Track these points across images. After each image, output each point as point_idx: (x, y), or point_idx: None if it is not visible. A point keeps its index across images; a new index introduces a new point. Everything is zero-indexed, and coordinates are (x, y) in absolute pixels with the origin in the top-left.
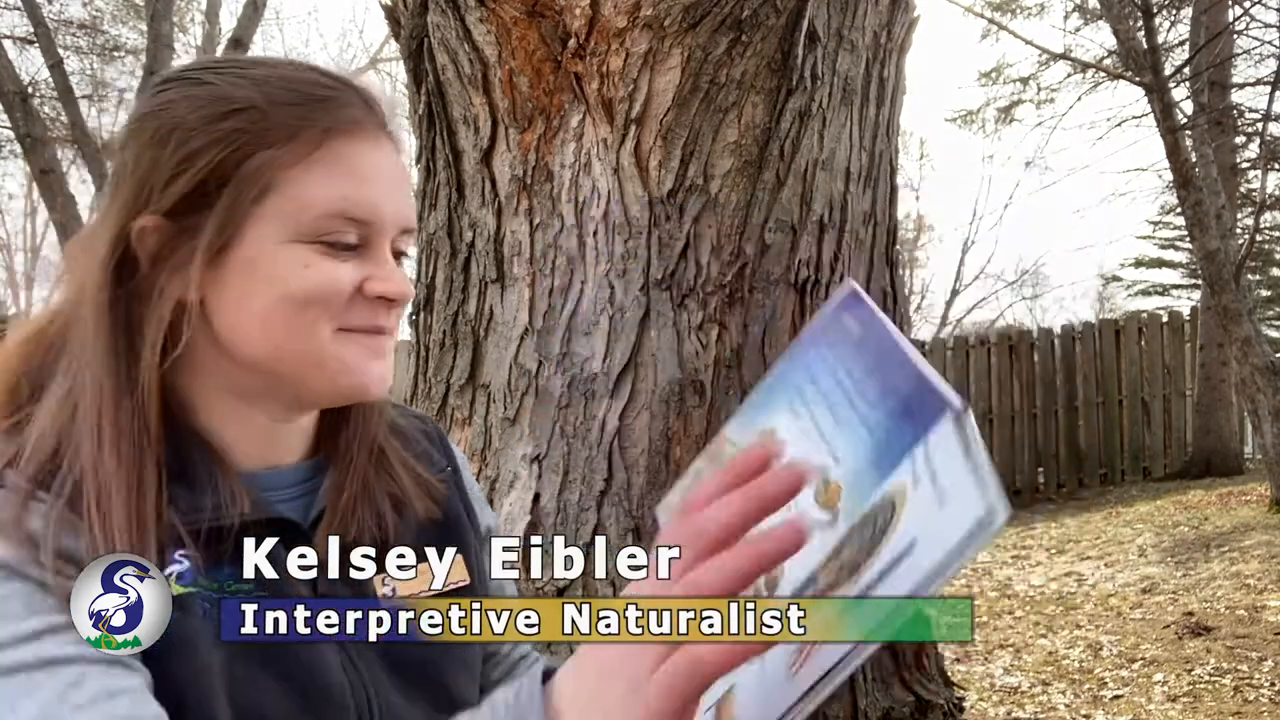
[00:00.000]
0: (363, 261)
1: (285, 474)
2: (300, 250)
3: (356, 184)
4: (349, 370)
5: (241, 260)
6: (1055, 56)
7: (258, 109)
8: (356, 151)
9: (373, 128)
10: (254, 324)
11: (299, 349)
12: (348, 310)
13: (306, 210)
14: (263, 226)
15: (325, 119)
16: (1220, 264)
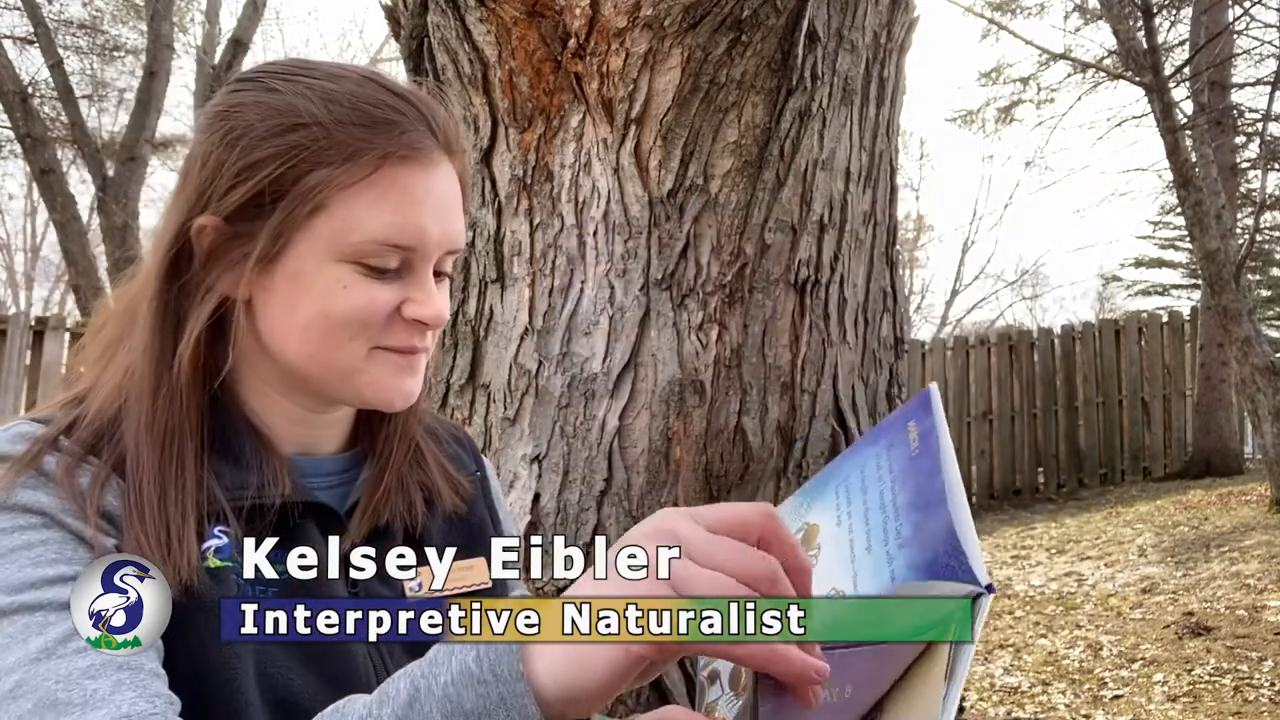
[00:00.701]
0: (404, 284)
1: (323, 463)
2: (343, 270)
3: (406, 212)
4: (376, 385)
5: (288, 271)
6: (1055, 56)
7: (321, 125)
8: (411, 177)
9: (432, 150)
10: (292, 332)
11: (331, 361)
12: (384, 331)
13: (353, 233)
14: (311, 242)
15: (385, 143)
16: (1220, 264)
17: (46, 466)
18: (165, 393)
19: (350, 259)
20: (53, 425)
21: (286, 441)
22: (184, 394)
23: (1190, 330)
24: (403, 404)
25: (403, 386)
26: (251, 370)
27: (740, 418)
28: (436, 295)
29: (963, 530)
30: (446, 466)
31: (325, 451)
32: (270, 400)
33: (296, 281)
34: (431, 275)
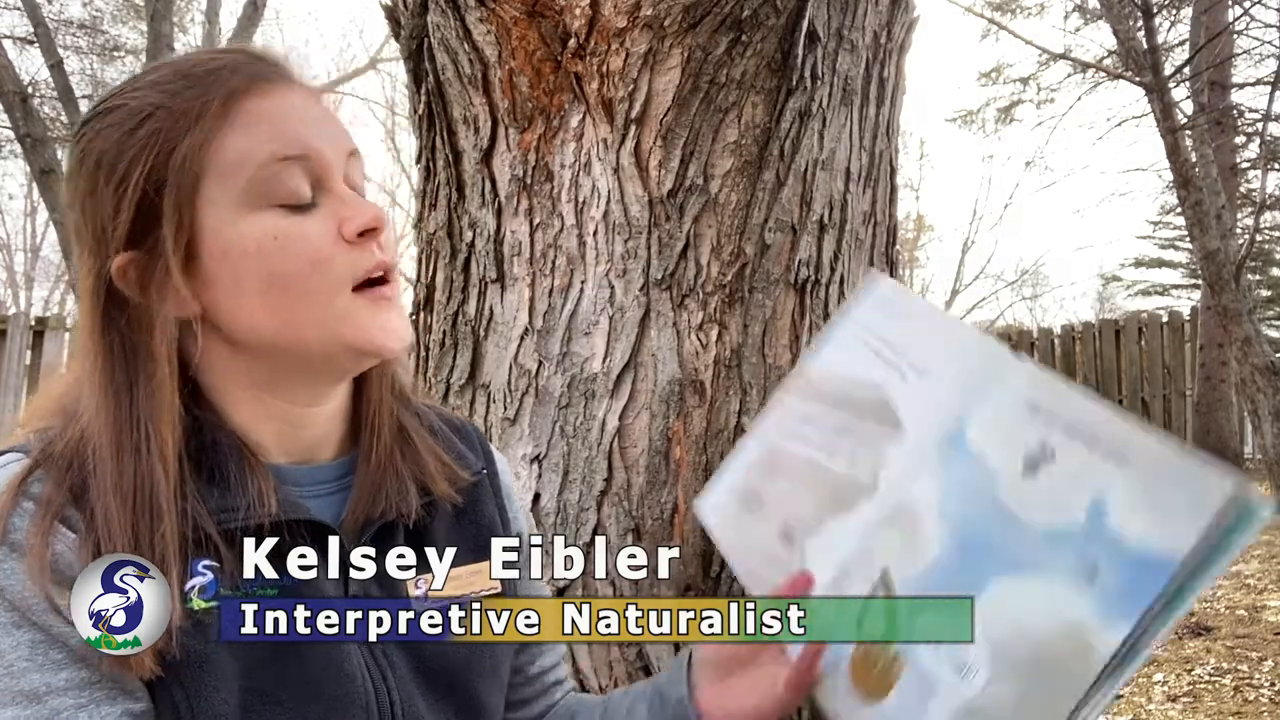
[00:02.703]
0: (328, 209)
1: (319, 470)
2: (264, 219)
3: (276, 125)
4: (359, 328)
5: (215, 251)
6: (1055, 56)
7: (161, 107)
8: (262, 102)
9: (274, 79)
10: (257, 308)
11: (306, 319)
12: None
13: (242, 171)
14: (214, 211)
15: (221, 87)
16: (1220, 264)
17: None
18: (130, 450)
19: (260, 202)
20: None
21: (279, 451)
22: (152, 442)
23: (1190, 330)
24: (395, 343)
25: (387, 324)
26: (231, 381)
27: (740, 418)
28: (363, 201)
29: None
30: (441, 455)
31: (322, 459)
32: (258, 405)
33: (228, 256)
34: (346, 189)
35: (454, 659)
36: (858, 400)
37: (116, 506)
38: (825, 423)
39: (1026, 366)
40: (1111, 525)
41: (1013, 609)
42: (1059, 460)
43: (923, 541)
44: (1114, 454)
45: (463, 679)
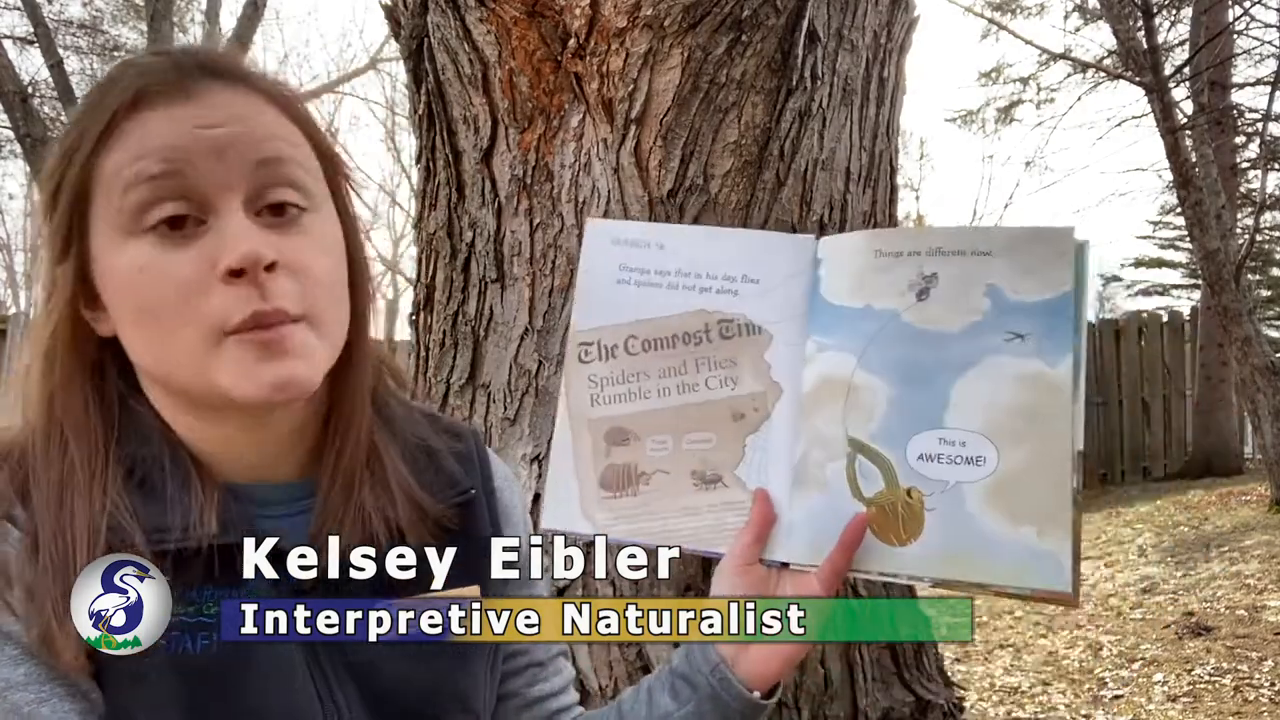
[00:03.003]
0: (209, 238)
1: (279, 489)
2: (133, 247)
3: (145, 141)
4: (233, 376)
5: (99, 275)
6: (1055, 56)
7: (76, 124)
8: (149, 114)
9: (170, 89)
10: (134, 339)
11: (175, 359)
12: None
13: (114, 193)
14: (98, 236)
15: (112, 99)
16: (1220, 264)
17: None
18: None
19: (135, 227)
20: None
21: (233, 470)
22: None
23: (1190, 330)
24: (276, 395)
25: (266, 374)
26: (161, 400)
27: None
28: (247, 233)
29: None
30: (416, 494)
31: (280, 478)
32: (196, 425)
33: (111, 283)
34: (242, 213)
35: (413, 694)
36: (685, 332)
37: (46, 512)
38: (656, 368)
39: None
40: (1011, 298)
41: (981, 396)
42: (941, 278)
43: (869, 395)
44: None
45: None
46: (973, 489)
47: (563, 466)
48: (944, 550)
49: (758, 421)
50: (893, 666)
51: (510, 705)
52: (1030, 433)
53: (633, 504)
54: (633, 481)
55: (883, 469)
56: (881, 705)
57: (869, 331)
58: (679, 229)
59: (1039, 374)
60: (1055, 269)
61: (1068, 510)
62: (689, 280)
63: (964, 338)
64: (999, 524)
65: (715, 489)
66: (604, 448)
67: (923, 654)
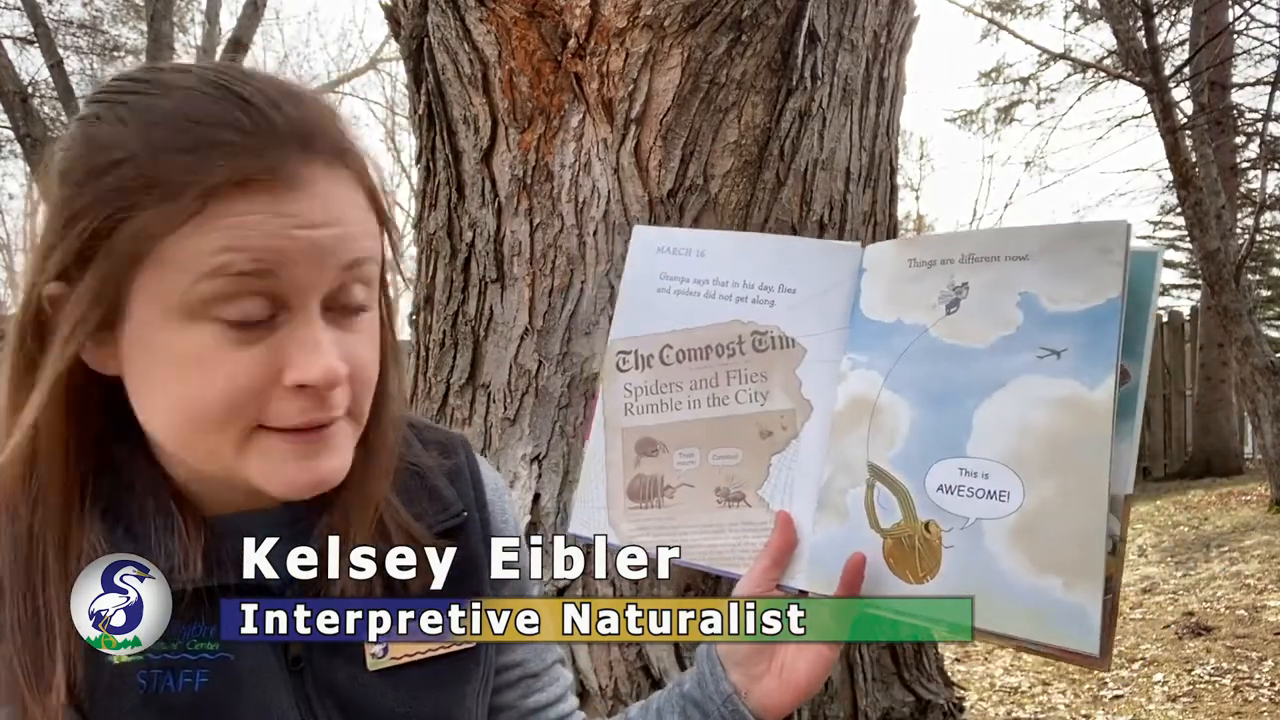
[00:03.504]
0: (279, 339)
1: (266, 516)
2: (199, 333)
3: (247, 237)
4: (269, 476)
5: (134, 340)
6: (1055, 56)
7: (135, 161)
8: (251, 205)
9: (284, 165)
10: (158, 415)
11: (206, 452)
12: (263, 408)
13: (184, 275)
14: (148, 305)
15: (211, 173)
16: (1220, 264)
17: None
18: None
19: (200, 314)
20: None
21: (221, 503)
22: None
23: (1190, 330)
24: (313, 490)
25: (304, 473)
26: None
27: None
28: (326, 345)
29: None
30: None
31: (268, 505)
32: (193, 470)
33: (148, 356)
34: (319, 316)
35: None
36: (719, 343)
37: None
38: (688, 379)
39: (867, 245)
40: (1047, 308)
41: (1008, 421)
42: (972, 287)
43: (891, 418)
44: (1012, 256)
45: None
46: (994, 527)
47: (594, 474)
48: (962, 593)
49: (784, 440)
50: (893, 666)
51: (506, 717)
52: (1061, 466)
53: (657, 516)
54: (659, 493)
55: (900, 499)
56: (881, 705)
57: (898, 348)
58: (723, 236)
59: (1074, 397)
60: (1100, 272)
61: (1099, 560)
62: (725, 289)
63: (992, 354)
64: (1021, 569)
65: (737, 507)
66: (634, 457)
67: (923, 654)
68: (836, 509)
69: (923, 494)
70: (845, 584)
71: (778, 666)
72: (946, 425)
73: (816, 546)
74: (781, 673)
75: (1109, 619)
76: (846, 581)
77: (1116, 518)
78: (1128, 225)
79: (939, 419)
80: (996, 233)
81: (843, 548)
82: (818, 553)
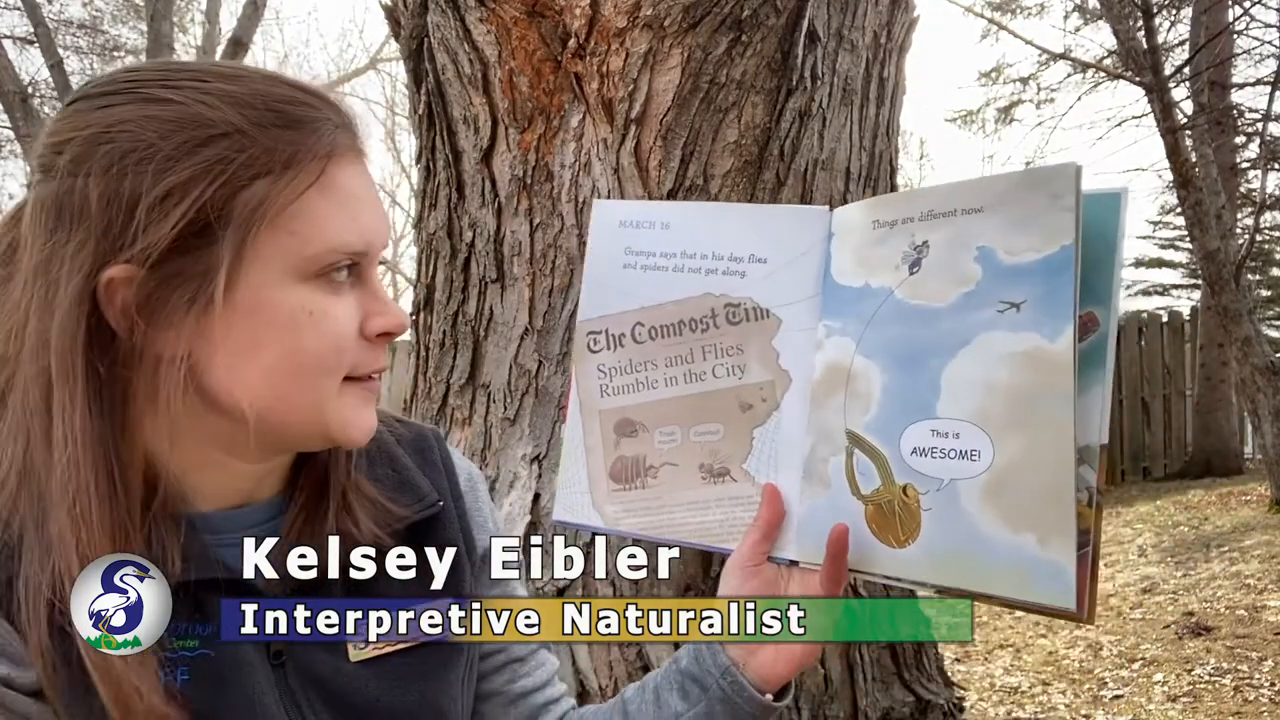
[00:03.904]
0: (358, 297)
1: (252, 512)
2: (306, 293)
3: (356, 213)
4: (346, 423)
5: (244, 307)
6: (1055, 56)
7: (242, 133)
8: (351, 177)
9: (358, 146)
10: (254, 378)
11: (300, 403)
12: (352, 357)
13: (311, 246)
14: (264, 268)
15: (321, 143)
16: (1220, 264)
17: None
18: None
19: (309, 276)
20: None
21: (210, 499)
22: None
23: (1190, 330)
24: (365, 438)
25: (367, 419)
26: (184, 430)
27: None
28: (393, 304)
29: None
30: (380, 502)
31: (257, 499)
32: (203, 457)
33: (255, 317)
34: (378, 282)
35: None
36: (691, 318)
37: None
38: (663, 356)
39: (837, 208)
40: (1004, 261)
41: (974, 378)
42: (932, 245)
43: (865, 384)
44: (967, 210)
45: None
46: (968, 487)
47: (574, 459)
48: (943, 554)
49: (766, 412)
50: (893, 666)
51: (495, 703)
52: (1027, 422)
53: (642, 497)
54: (641, 474)
55: (878, 464)
56: (881, 705)
57: (867, 313)
58: (685, 206)
59: (1035, 350)
60: (1053, 219)
61: (1070, 515)
62: (694, 262)
63: (954, 312)
64: (997, 528)
65: (723, 482)
66: (614, 439)
67: (923, 654)
68: (820, 478)
69: (898, 458)
70: (831, 555)
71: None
72: (916, 387)
73: (804, 517)
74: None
75: (1088, 573)
76: (832, 553)
77: (1092, 468)
78: (1078, 168)
79: (909, 381)
80: (953, 186)
81: (828, 516)
82: (805, 523)
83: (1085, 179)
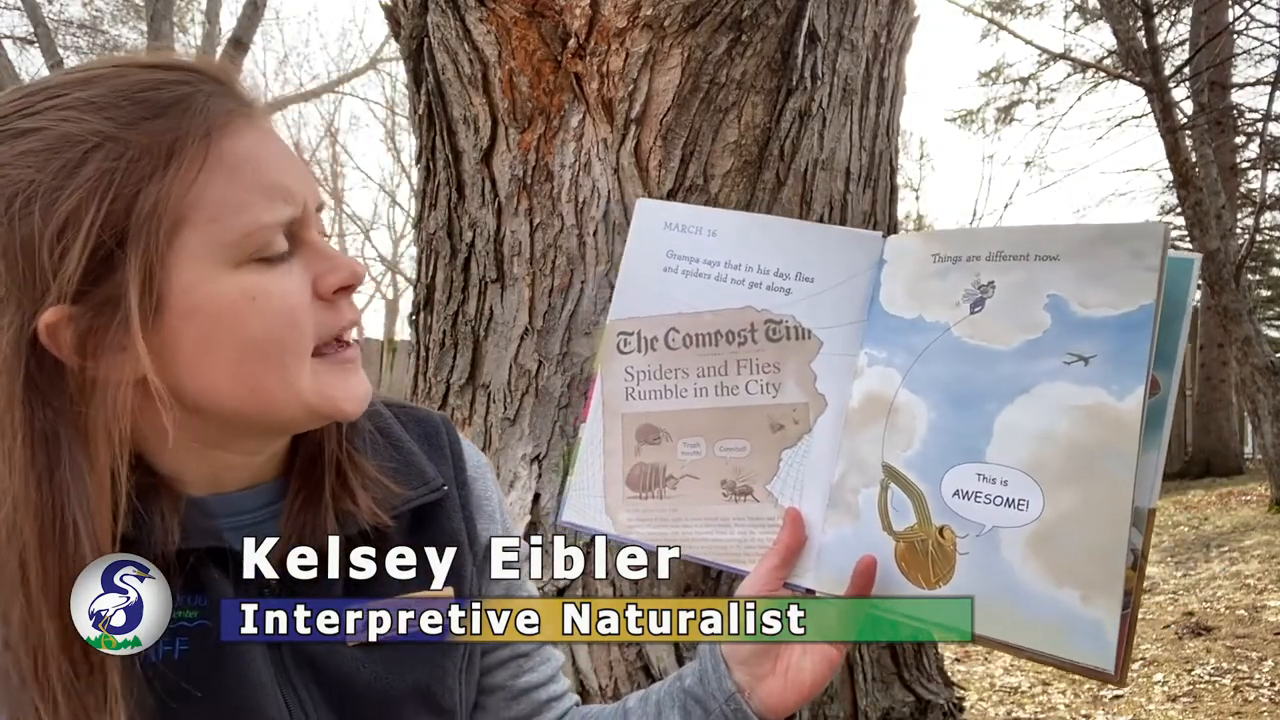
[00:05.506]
0: (303, 261)
1: (248, 497)
2: (239, 277)
3: (260, 179)
4: (330, 396)
5: (181, 312)
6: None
7: (113, 139)
8: (242, 143)
9: (246, 112)
10: (222, 376)
11: (277, 387)
12: (316, 324)
13: (228, 230)
14: (188, 266)
15: (198, 120)
16: (1220, 264)
17: None
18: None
19: (240, 258)
20: None
21: (204, 486)
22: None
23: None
24: (357, 408)
25: (354, 388)
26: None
27: None
28: (340, 255)
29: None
30: (383, 482)
31: (257, 483)
32: (191, 454)
33: (197, 317)
34: (321, 239)
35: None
36: (729, 330)
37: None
38: (695, 365)
39: (890, 236)
40: (1076, 312)
41: (1030, 428)
42: (998, 286)
43: (908, 418)
44: (1041, 256)
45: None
46: (1011, 536)
47: (590, 461)
48: (977, 600)
49: (796, 435)
50: (893, 666)
51: (498, 698)
52: (1083, 477)
53: (659, 507)
54: (660, 483)
55: (915, 502)
56: (881, 705)
57: (918, 346)
58: (735, 215)
59: (1101, 407)
60: (1134, 276)
61: (1119, 575)
62: (738, 273)
63: (1017, 358)
64: (1038, 580)
65: (744, 501)
66: (634, 444)
67: (923, 654)
68: (848, 508)
69: (938, 498)
70: (855, 586)
71: (783, 667)
72: (966, 429)
73: (826, 546)
74: (787, 673)
75: (1126, 634)
76: (857, 584)
77: (1139, 531)
78: (1166, 228)
79: (958, 422)
80: (1026, 230)
81: (853, 548)
82: (827, 552)
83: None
